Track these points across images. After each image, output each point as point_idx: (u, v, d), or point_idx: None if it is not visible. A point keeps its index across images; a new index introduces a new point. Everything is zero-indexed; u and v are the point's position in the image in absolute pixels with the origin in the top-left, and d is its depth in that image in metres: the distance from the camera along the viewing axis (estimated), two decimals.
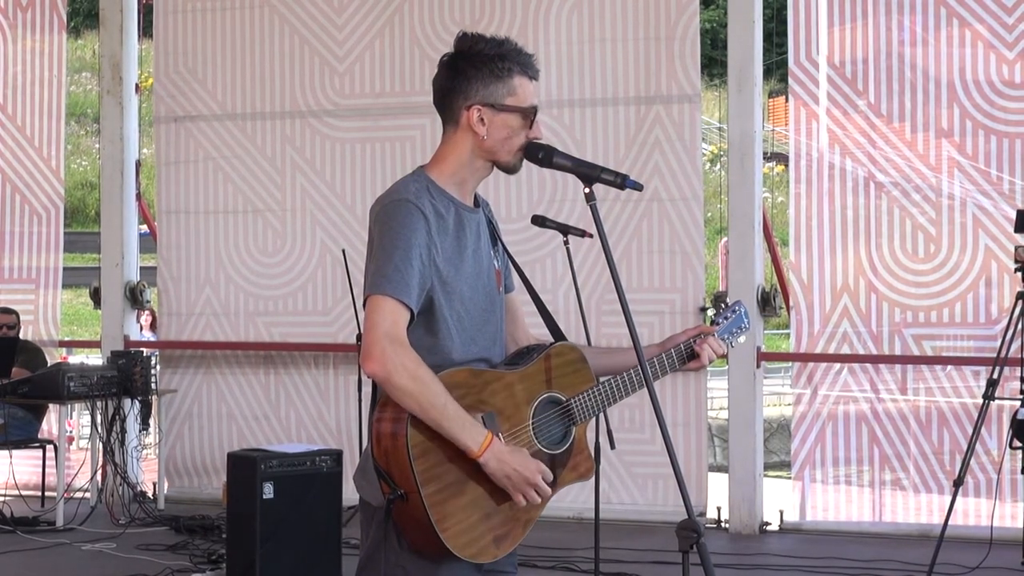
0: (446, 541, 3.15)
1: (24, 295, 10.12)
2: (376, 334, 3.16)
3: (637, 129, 8.70)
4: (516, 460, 3.23)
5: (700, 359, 3.59)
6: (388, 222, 3.24)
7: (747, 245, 8.56)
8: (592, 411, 3.43)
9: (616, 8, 8.76)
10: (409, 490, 3.15)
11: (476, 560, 3.23)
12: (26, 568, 7.71)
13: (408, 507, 3.16)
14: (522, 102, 3.32)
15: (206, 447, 9.63)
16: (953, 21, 8.25)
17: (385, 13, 9.27)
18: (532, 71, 3.34)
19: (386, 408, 3.21)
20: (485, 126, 3.30)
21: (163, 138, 9.77)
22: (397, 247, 3.20)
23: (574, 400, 3.40)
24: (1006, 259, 7.98)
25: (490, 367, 3.35)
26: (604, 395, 3.43)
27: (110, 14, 9.87)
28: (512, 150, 3.34)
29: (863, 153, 8.44)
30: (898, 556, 7.61)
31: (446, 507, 3.17)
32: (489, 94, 3.30)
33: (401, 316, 3.18)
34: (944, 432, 8.25)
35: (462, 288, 3.31)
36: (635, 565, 7.40)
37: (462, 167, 3.35)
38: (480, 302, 3.36)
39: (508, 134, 3.32)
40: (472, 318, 3.33)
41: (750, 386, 8.54)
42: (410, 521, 3.18)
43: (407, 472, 3.14)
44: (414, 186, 3.30)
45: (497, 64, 3.30)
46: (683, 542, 3.02)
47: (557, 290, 8.79)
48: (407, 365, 3.14)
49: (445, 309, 3.27)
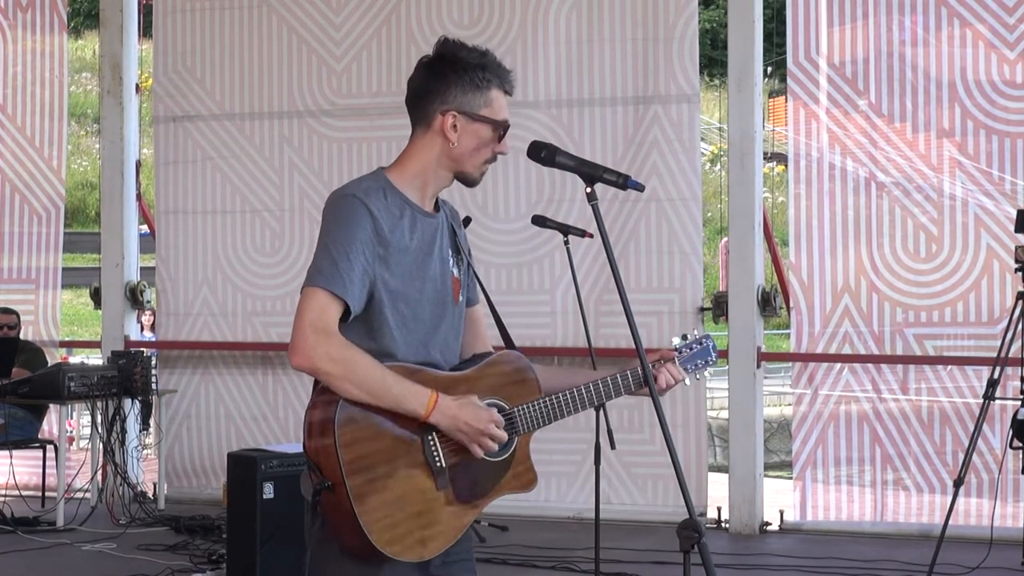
0: (369, 534, 3.10)
1: (24, 295, 10.11)
2: (301, 326, 3.14)
3: (636, 129, 8.70)
4: (466, 413, 3.20)
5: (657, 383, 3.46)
6: (332, 217, 3.22)
7: (747, 245, 8.55)
8: (536, 423, 3.36)
9: (615, 8, 8.76)
10: (335, 481, 3.11)
11: (400, 557, 3.16)
12: (26, 568, 7.70)
13: (334, 498, 3.12)
14: (496, 115, 3.31)
15: (205, 447, 9.63)
16: (954, 21, 8.25)
17: (383, 13, 9.27)
18: (509, 87, 3.34)
19: (319, 398, 3.19)
20: (457, 133, 3.30)
21: (162, 138, 9.76)
22: (336, 241, 3.18)
23: (518, 410, 3.35)
24: (1008, 259, 7.97)
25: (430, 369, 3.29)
26: (551, 408, 3.37)
27: (110, 14, 9.88)
28: (477, 162, 3.33)
29: (864, 153, 8.44)
30: (898, 556, 7.61)
31: (371, 500, 3.12)
32: (466, 102, 3.29)
33: (330, 307, 3.15)
34: (946, 432, 8.25)
35: (409, 292, 3.27)
36: (635, 565, 7.40)
37: (425, 171, 3.34)
38: (430, 306, 3.31)
39: (477, 145, 3.31)
40: (419, 322, 3.29)
41: (750, 386, 8.53)
42: (336, 513, 3.14)
43: (334, 462, 3.11)
44: (367, 184, 3.28)
45: (478, 74, 3.29)
46: (684, 542, 3.01)
47: (557, 290, 8.80)
48: (331, 352, 3.12)
49: (388, 310, 3.23)
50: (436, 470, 3.21)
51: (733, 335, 8.56)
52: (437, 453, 3.22)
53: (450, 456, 3.24)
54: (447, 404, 3.19)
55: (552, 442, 8.76)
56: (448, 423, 3.18)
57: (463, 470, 3.25)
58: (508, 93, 3.34)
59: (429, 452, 3.21)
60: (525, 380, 3.39)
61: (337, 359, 3.12)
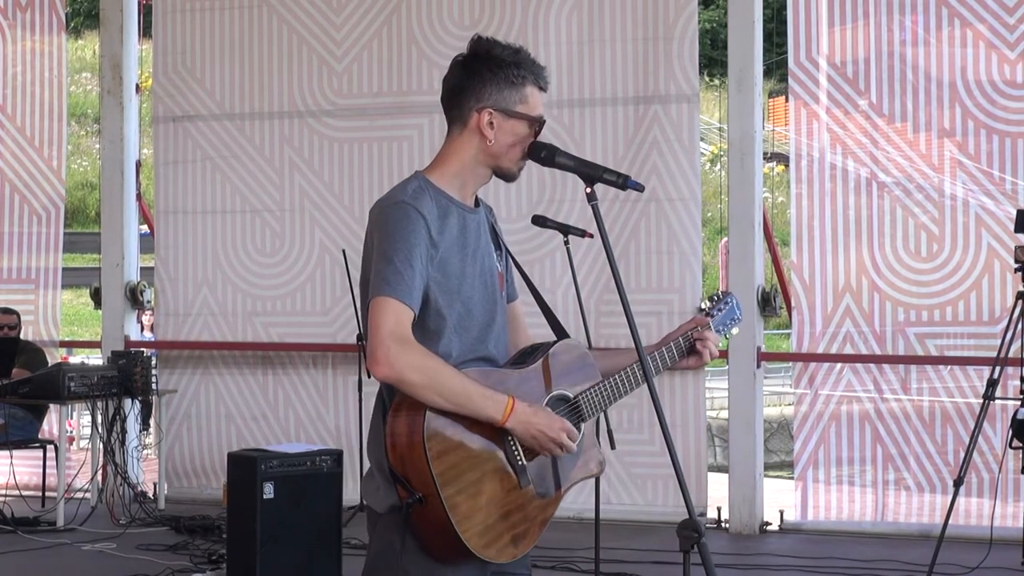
0: (467, 542, 3.14)
1: (24, 295, 10.11)
2: (380, 336, 3.15)
3: (636, 129, 8.70)
4: (540, 420, 3.24)
5: (702, 357, 3.59)
6: (386, 226, 3.23)
7: (747, 245, 8.55)
8: (599, 406, 3.43)
9: (615, 8, 8.75)
10: (428, 493, 3.12)
11: (496, 560, 3.22)
12: (26, 568, 7.70)
13: (426, 511, 3.13)
14: (532, 111, 3.34)
15: (205, 447, 9.63)
16: (954, 21, 8.25)
17: (383, 13, 9.27)
18: (544, 83, 3.38)
19: (400, 411, 3.19)
20: (494, 130, 3.31)
21: (161, 138, 9.76)
22: (397, 250, 3.19)
23: (582, 396, 3.40)
24: (1008, 258, 7.97)
25: (495, 368, 3.35)
26: (610, 390, 3.43)
27: (110, 14, 9.87)
28: (515, 158, 3.36)
29: (865, 153, 8.44)
30: (898, 556, 7.60)
31: (465, 508, 3.15)
32: (502, 99, 3.31)
33: (405, 316, 3.17)
34: (947, 431, 8.24)
35: (463, 289, 3.30)
36: (635, 565, 7.40)
37: (464, 169, 3.35)
38: (482, 303, 3.35)
39: (514, 141, 3.34)
40: (474, 319, 3.32)
41: (750, 386, 8.53)
42: (428, 525, 3.15)
43: (425, 475, 3.12)
44: (412, 187, 3.29)
45: (513, 71, 3.31)
46: (684, 542, 3.01)
47: (557, 290, 8.79)
48: (414, 361, 3.14)
49: (445, 310, 3.26)
50: (518, 469, 3.26)
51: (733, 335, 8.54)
52: (517, 451, 3.26)
53: (529, 452, 3.28)
54: (522, 411, 3.23)
55: None
56: (522, 429, 3.23)
57: (541, 465, 3.32)
58: (543, 89, 3.37)
59: (510, 451, 3.25)
60: (585, 367, 3.45)
61: (420, 368, 3.14)
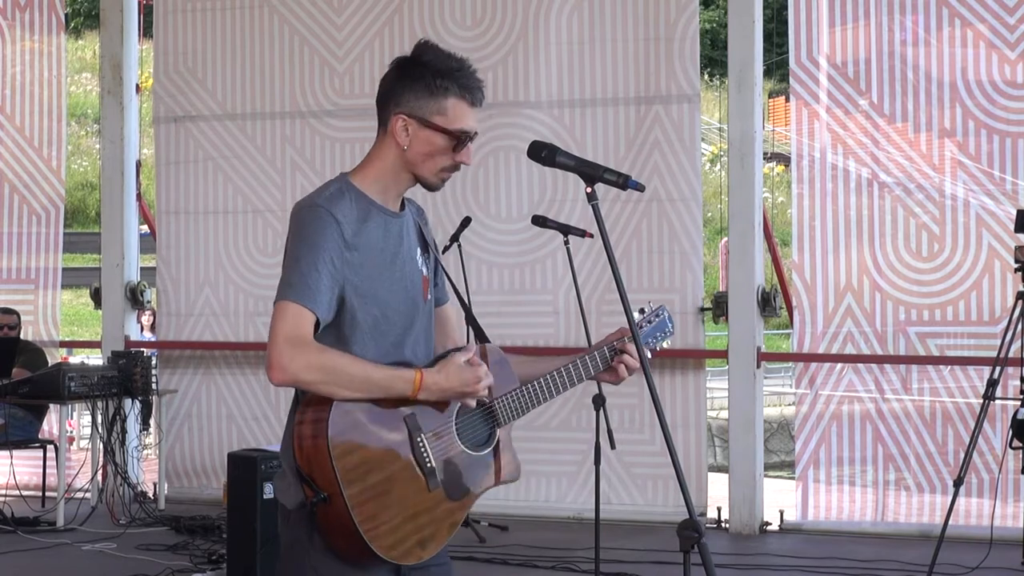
0: (371, 543, 3.10)
1: (24, 295, 10.12)
2: (274, 341, 3.15)
3: (637, 129, 8.70)
4: (449, 380, 3.23)
5: (617, 373, 3.48)
6: (298, 229, 3.21)
7: (747, 245, 8.55)
8: (516, 412, 3.39)
9: (616, 8, 8.76)
10: (332, 492, 3.09)
11: (401, 562, 3.18)
12: (26, 568, 7.70)
13: (331, 510, 3.10)
14: (449, 124, 3.24)
15: (206, 447, 9.63)
16: (955, 21, 8.25)
17: (385, 13, 9.27)
18: (473, 97, 3.27)
19: (307, 411, 3.16)
20: (408, 137, 3.25)
21: (163, 138, 9.76)
22: (303, 254, 3.17)
23: (498, 401, 3.37)
24: (1008, 258, 7.97)
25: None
26: (528, 397, 3.40)
27: (110, 14, 9.87)
28: (434, 169, 3.28)
29: (866, 153, 8.44)
30: (898, 556, 7.60)
31: (369, 508, 3.11)
32: (419, 107, 3.24)
33: (303, 319, 3.15)
34: (947, 431, 8.24)
35: (379, 293, 3.25)
36: (635, 565, 7.40)
37: (385, 173, 3.30)
38: (401, 307, 3.30)
39: (430, 151, 3.26)
40: (391, 323, 3.28)
41: (750, 386, 8.53)
42: (333, 524, 3.11)
43: (329, 474, 3.09)
44: (331, 190, 3.26)
45: (437, 80, 3.23)
46: (684, 542, 3.00)
47: (558, 290, 8.80)
48: (309, 360, 3.11)
49: (360, 313, 3.22)
50: (427, 471, 3.21)
51: (733, 335, 8.56)
52: (427, 453, 3.22)
53: (439, 455, 3.24)
54: (429, 380, 3.20)
55: (552, 442, 8.77)
56: (438, 394, 3.21)
57: (451, 468, 3.27)
58: (473, 104, 3.27)
59: (419, 453, 3.21)
60: (503, 372, 3.40)
61: (315, 366, 3.12)
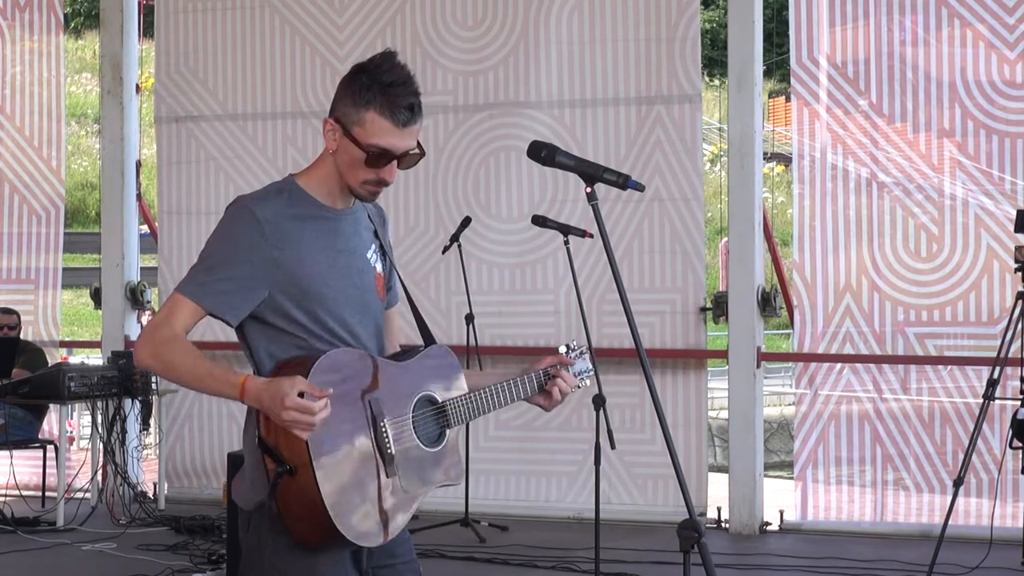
0: (335, 519, 3.07)
1: (24, 295, 10.12)
2: (147, 327, 3.22)
3: (638, 129, 8.70)
4: (267, 394, 3.04)
5: (551, 396, 3.51)
6: (220, 226, 3.23)
7: (747, 245, 8.55)
8: (465, 416, 3.39)
9: (617, 9, 8.76)
10: (299, 463, 3.05)
11: (362, 543, 3.15)
12: (26, 568, 7.70)
13: (295, 484, 3.06)
14: (365, 138, 3.20)
15: (206, 447, 9.63)
16: (954, 21, 8.25)
17: (386, 13, 9.26)
18: (396, 116, 3.19)
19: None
20: (335, 143, 3.25)
21: (164, 138, 9.76)
22: (213, 252, 3.20)
23: (450, 403, 3.37)
24: (1008, 259, 7.98)
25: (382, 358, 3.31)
26: (478, 403, 3.41)
27: (110, 14, 9.87)
28: (357, 180, 3.24)
29: (865, 153, 8.45)
30: (898, 556, 7.61)
31: (335, 482, 3.09)
32: (344, 115, 3.23)
33: (184, 311, 3.18)
34: (946, 431, 8.25)
35: (322, 291, 3.24)
36: (635, 565, 7.40)
37: (328, 175, 3.29)
38: (349, 305, 3.28)
39: (350, 161, 3.23)
40: (335, 317, 3.26)
41: (750, 386, 8.53)
42: (296, 500, 3.07)
43: (299, 443, 3.05)
44: (270, 189, 3.28)
45: (362, 91, 3.19)
46: (684, 542, 3.01)
47: (558, 290, 8.80)
48: (154, 349, 3.16)
49: (294, 311, 3.22)
50: (387, 457, 3.21)
51: (733, 335, 8.56)
52: (388, 439, 3.21)
53: (398, 444, 3.23)
54: (254, 389, 3.07)
55: (552, 442, 8.78)
56: (257, 404, 3.09)
57: (408, 458, 3.26)
58: (397, 123, 3.19)
59: (382, 438, 3.21)
60: (454, 375, 3.42)
61: (156, 355, 3.16)
